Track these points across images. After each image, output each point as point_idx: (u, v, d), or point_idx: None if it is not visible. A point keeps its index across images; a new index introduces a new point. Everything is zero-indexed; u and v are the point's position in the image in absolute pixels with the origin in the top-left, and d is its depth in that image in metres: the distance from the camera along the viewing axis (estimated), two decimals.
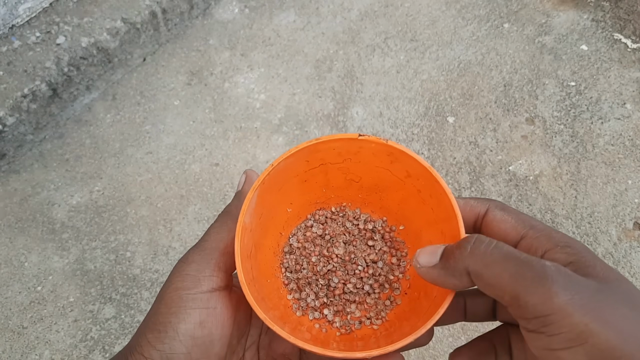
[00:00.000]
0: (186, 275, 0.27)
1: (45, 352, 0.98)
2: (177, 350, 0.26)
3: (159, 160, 1.20)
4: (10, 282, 1.05)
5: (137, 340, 0.27)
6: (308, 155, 0.33)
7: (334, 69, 1.33)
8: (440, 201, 0.31)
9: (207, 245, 0.28)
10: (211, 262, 0.27)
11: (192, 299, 0.26)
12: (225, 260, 0.27)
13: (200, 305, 0.26)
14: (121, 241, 1.10)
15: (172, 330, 0.26)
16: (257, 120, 1.26)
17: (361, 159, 0.35)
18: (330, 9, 1.45)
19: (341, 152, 0.34)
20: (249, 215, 0.30)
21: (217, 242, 0.27)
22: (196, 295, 0.26)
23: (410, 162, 0.32)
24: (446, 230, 0.30)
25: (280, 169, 0.32)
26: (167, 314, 0.26)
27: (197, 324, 0.26)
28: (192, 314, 0.26)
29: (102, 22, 1.27)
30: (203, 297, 0.26)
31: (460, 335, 0.97)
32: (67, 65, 1.21)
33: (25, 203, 1.15)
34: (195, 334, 0.26)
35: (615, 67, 1.30)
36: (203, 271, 0.27)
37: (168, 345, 0.25)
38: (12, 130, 1.16)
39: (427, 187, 0.32)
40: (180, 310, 0.26)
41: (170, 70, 1.35)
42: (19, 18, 1.25)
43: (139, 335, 0.27)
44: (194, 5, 1.41)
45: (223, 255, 0.27)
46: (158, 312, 0.27)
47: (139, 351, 0.26)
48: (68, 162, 1.21)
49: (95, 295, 1.04)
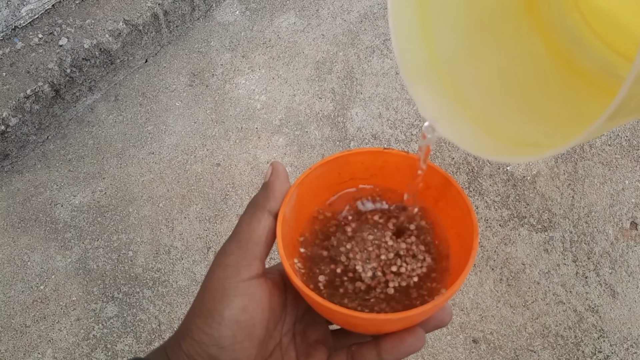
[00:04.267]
0: (226, 266, 0.29)
1: (47, 351, 0.99)
2: (224, 333, 0.28)
3: (161, 161, 1.22)
4: (13, 281, 1.06)
5: (187, 326, 0.30)
6: (340, 167, 0.35)
7: (333, 71, 1.35)
8: (456, 205, 0.32)
9: (242, 237, 0.30)
10: (247, 252, 0.29)
11: (234, 287, 0.29)
12: (260, 249, 0.30)
13: (241, 292, 0.29)
14: (123, 241, 1.11)
15: (219, 315, 0.28)
16: (258, 121, 1.27)
17: (386, 174, 0.36)
18: (330, 11, 1.46)
19: (368, 167, 0.35)
20: (288, 209, 0.32)
21: (249, 233, 0.30)
22: (237, 283, 0.29)
23: (430, 172, 0.34)
24: (462, 231, 0.32)
25: (316, 176, 0.33)
26: (212, 302, 0.29)
27: (240, 309, 0.28)
28: (235, 300, 0.28)
29: (104, 24, 1.28)
30: (244, 285, 0.29)
31: (459, 333, 0.98)
32: (69, 66, 1.22)
33: (28, 203, 1.16)
34: (239, 318, 0.28)
35: None
36: (241, 261, 0.29)
37: (216, 329, 0.28)
38: (15, 130, 1.17)
39: (445, 194, 0.34)
40: (224, 297, 0.28)
41: (172, 72, 1.36)
42: (22, 20, 1.26)
43: (188, 322, 0.30)
44: (196, 7, 1.42)
45: (257, 245, 0.30)
46: (204, 299, 0.29)
47: (190, 335, 0.29)
48: (70, 163, 1.22)
49: (97, 294, 1.05)
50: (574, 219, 1.10)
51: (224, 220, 1.13)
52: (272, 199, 0.31)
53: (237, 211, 1.14)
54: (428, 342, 0.98)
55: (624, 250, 1.06)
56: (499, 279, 1.04)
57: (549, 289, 1.02)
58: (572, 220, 1.10)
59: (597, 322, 0.99)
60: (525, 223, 1.10)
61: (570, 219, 1.10)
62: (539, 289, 1.03)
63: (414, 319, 0.28)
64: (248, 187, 1.17)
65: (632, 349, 0.96)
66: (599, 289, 1.02)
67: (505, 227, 1.10)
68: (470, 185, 1.15)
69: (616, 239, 1.07)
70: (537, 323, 0.99)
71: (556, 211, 1.11)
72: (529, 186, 1.15)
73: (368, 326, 0.29)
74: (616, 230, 1.08)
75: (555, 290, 1.02)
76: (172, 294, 1.05)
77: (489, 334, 0.98)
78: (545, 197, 1.13)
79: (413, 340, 0.29)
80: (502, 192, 1.14)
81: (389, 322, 0.28)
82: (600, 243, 1.07)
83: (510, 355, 0.96)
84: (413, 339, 0.29)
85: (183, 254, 1.09)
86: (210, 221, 1.13)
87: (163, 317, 1.02)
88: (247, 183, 1.17)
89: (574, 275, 1.04)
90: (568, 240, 1.08)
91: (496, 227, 1.10)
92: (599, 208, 1.11)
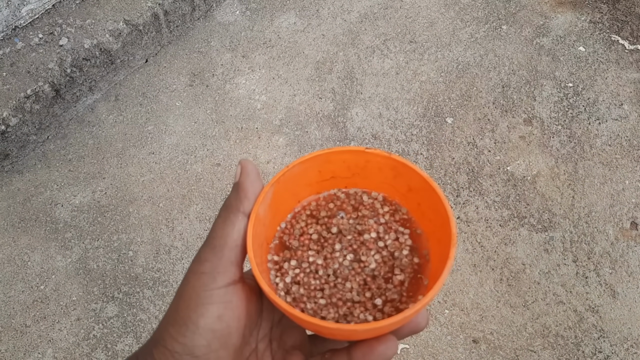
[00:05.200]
0: (202, 273, 0.28)
1: (48, 351, 0.99)
2: (197, 343, 0.27)
3: (161, 161, 1.22)
4: (13, 281, 1.06)
5: (160, 334, 0.29)
6: (321, 165, 0.34)
7: (334, 71, 1.35)
8: (436, 211, 0.32)
9: (216, 242, 0.29)
10: (222, 258, 0.28)
11: (210, 295, 0.28)
12: (236, 254, 0.29)
13: (217, 300, 0.28)
14: (123, 240, 1.11)
15: (193, 324, 0.27)
16: (258, 121, 1.27)
17: (368, 174, 0.35)
18: (331, 11, 1.46)
19: (350, 166, 0.35)
20: (263, 208, 0.30)
21: (224, 238, 0.29)
22: (213, 291, 0.28)
23: (411, 175, 0.33)
24: (442, 238, 0.31)
25: (295, 174, 0.32)
26: (187, 310, 0.28)
27: (215, 318, 0.28)
28: (210, 309, 0.27)
29: (104, 24, 1.28)
30: (219, 292, 0.28)
31: (459, 333, 0.98)
32: (69, 66, 1.22)
33: (28, 203, 1.16)
34: (214, 327, 0.28)
35: (613, 68, 1.31)
36: (216, 268, 0.28)
37: (189, 338, 0.27)
38: (16, 130, 1.17)
39: (426, 198, 0.33)
40: (199, 306, 0.27)
41: (172, 72, 1.36)
42: (22, 19, 1.26)
43: (161, 330, 0.29)
44: (196, 7, 1.42)
45: (232, 250, 0.29)
46: (178, 308, 0.28)
47: (163, 344, 0.28)
48: (71, 163, 1.22)
49: (97, 294, 1.05)
50: (574, 219, 1.10)
51: None
52: (245, 200, 0.29)
53: None
54: (428, 342, 0.98)
55: (624, 251, 1.06)
56: (499, 279, 1.04)
57: (549, 289, 1.02)
58: (572, 221, 1.10)
59: (597, 322, 0.99)
60: (526, 223, 1.10)
61: (570, 219, 1.10)
62: (539, 289, 1.03)
63: (382, 330, 0.28)
64: None
65: (632, 349, 0.96)
66: (599, 289, 1.02)
67: (506, 227, 1.10)
68: (471, 185, 1.15)
69: (616, 239, 1.07)
70: (537, 323, 0.99)
71: (556, 211, 1.11)
72: (529, 186, 1.15)
73: (336, 335, 0.29)
74: (616, 231, 1.08)
75: (556, 291, 1.02)
76: (172, 294, 1.05)
77: (489, 334, 0.98)
78: (545, 197, 1.13)
79: (383, 348, 0.28)
80: (502, 192, 1.14)
81: (356, 332, 0.27)
82: (601, 243, 1.07)
83: (510, 355, 0.96)
84: (383, 347, 0.28)
85: (183, 254, 1.09)
86: (210, 221, 1.13)
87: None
88: None
89: (574, 276, 1.04)
90: (568, 241, 1.08)
91: (496, 227, 1.10)
92: (599, 208, 1.11)
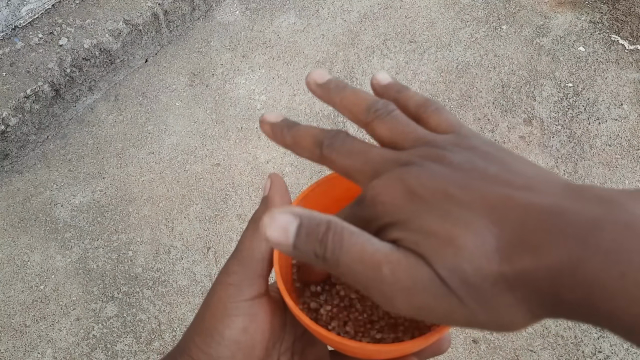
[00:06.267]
0: (228, 285, 0.29)
1: (47, 351, 0.99)
2: (222, 354, 0.28)
3: (161, 160, 1.22)
4: (13, 281, 1.06)
5: (185, 343, 0.29)
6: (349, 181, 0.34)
7: (334, 71, 1.35)
8: None
9: (244, 254, 0.29)
10: (250, 270, 0.29)
11: (236, 307, 0.28)
12: (263, 267, 0.29)
13: (243, 312, 0.28)
14: (123, 240, 1.11)
15: (218, 335, 0.28)
16: (258, 121, 1.27)
17: None
18: (330, 11, 1.46)
19: None
20: None
21: (251, 251, 0.29)
22: (239, 303, 0.28)
23: None
24: None
25: (323, 190, 0.32)
26: (213, 321, 0.28)
27: (240, 330, 0.28)
28: (236, 320, 0.28)
29: (104, 24, 1.28)
30: (245, 305, 0.28)
31: (459, 333, 0.98)
32: (69, 66, 1.22)
33: (28, 203, 1.16)
34: (239, 339, 0.28)
35: (613, 68, 1.31)
36: (244, 280, 0.29)
37: (214, 349, 0.28)
38: (15, 130, 1.17)
39: None
40: (225, 317, 0.28)
41: (172, 72, 1.36)
42: (22, 19, 1.26)
43: (187, 339, 0.29)
44: (196, 7, 1.42)
45: (259, 263, 0.29)
46: (204, 318, 0.29)
47: (188, 353, 0.28)
48: (70, 162, 1.22)
49: (97, 294, 1.05)
50: None
51: (223, 220, 1.13)
52: None
53: (237, 211, 1.14)
54: None
55: None
56: None
57: None
58: None
59: None
60: None
61: None
62: None
63: (405, 351, 0.28)
64: (248, 187, 1.17)
65: (632, 349, 0.96)
66: None
67: None
68: None
69: None
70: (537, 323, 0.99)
71: None
72: None
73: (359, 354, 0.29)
74: None
75: None
76: (172, 293, 1.05)
77: (489, 334, 0.98)
78: None
79: None
80: None
81: (379, 352, 0.27)
82: None
83: (510, 355, 0.96)
84: None
85: (183, 253, 1.09)
86: (210, 221, 1.13)
87: (163, 317, 1.02)
88: (247, 183, 1.17)
89: None
90: None
91: None
92: None
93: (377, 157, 0.24)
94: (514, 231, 0.18)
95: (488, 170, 0.21)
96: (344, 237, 0.21)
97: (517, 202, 0.19)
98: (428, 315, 0.20)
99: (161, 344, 0.99)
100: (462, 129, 0.24)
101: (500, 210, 0.19)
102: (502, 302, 0.19)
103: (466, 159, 0.22)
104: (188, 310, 1.03)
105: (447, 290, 0.19)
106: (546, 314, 0.19)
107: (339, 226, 0.21)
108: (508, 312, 0.19)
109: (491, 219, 0.19)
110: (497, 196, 0.19)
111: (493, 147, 0.23)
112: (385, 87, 0.28)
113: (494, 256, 0.18)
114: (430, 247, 0.19)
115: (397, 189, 0.21)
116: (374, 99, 0.26)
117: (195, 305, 1.03)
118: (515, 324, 0.19)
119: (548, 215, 0.18)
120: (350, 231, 0.21)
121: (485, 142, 0.23)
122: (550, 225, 0.18)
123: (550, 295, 0.18)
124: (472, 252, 0.19)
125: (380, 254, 0.20)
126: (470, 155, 0.22)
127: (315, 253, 0.21)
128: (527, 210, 0.19)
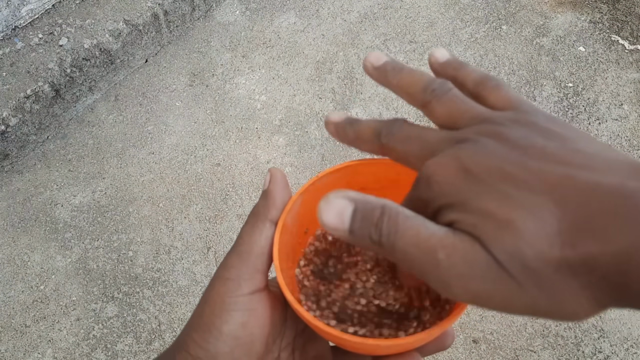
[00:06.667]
0: (227, 279, 0.28)
1: (47, 351, 0.99)
2: (221, 349, 0.27)
3: (161, 161, 1.22)
4: (13, 281, 1.06)
5: (183, 339, 0.29)
6: (350, 176, 0.33)
7: (334, 71, 1.35)
8: None
9: (243, 249, 0.29)
10: (249, 265, 0.28)
11: (234, 302, 0.28)
12: (262, 261, 0.29)
13: (241, 307, 0.28)
14: (123, 240, 1.11)
15: (217, 331, 0.27)
16: (258, 121, 1.27)
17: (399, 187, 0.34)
18: (330, 10, 1.46)
19: (380, 178, 0.34)
20: (291, 217, 0.30)
21: (251, 245, 0.29)
22: (238, 298, 0.28)
23: None
24: None
25: (323, 185, 0.32)
26: (211, 316, 0.28)
27: (239, 325, 0.28)
28: (235, 315, 0.27)
29: (104, 24, 1.28)
30: (244, 300, 0.28)
31: (459, 333, 0.98)
32: (69, 66, 1.22)
33: (28, 203, 1.16)
34: (238, 334, 0.27)
35: (613, 68, 1.31)
36: (242, 275, 0.28)
37: (213, 344, 0.27)
38: (15, 130, 1.17)
39: None
40: (223, 312, 0.27)
41: (172, 72, 1.36)
42: (22, 19, 1.26)
43: (185, 335, 0.29)
44: (196, 7, 1.42)
45: (259, 257, 0.29)
46: (203, 313, 0.28)
47: (186, 349, 0.28)
48: (71, 163, 1.22)
49: (97, 294, 1.05)
50: None
51: (224, 220, 1.13)
52: (273, 208, 0.29)
53: (237, 211, 1.14)
54: None
55: None
56: None
57: None
58: None
59: (597, 322, 0.99)
60: None
61: None
62: None
63: (407, 346, 0.27)
64: (248, 187, 1.17)
65: (632, 349, 0.96)
66: None
67: None
68: None
69: None
70: (537, 323, 0.99)
71: None
72: None
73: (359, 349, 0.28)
74: None
75: None
76: (172, 294, 1.05)
77: (489, 334, 0.98)
78: None
79: None
80: None
81: (379, 348, 0.27)
82: None
83: (510, 355, 0.96)
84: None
85: (183, 254, 1.09)
86: (210, 221, 1.13)
87: (163, 317, 1.02)
88: (247, 183, 1.17)
89: None
90: None
91: None
92: None
93: (433, 139, 0.23)
94: (576, 213, 0.17)
95: (547, 148, 0.20)
96: (399, 221, 0.20)
97: (578, 181, 0.18)
98: (486, 302, 0.19)
99: (161, 344, 0.99)
100: (523, 105, 0.23)
101: (561, 191, 0.18)
102: (565, 289, 0.18)
103: (524, 135, 0.20)
104: (188, 311, 1.03)
105: (505, 276, 0.18)
106: (612, 303, 0.18)
107: (394, 210, 0.20)
108: (572, 300, 0.18)
109: (552, 200, 0.18)
110: (556, 175, 0.18)
111: (555, 122, 0.21)
112: (443, 65, 0.27)
113: (556, 240, 0.17)
114: (488, 229, 0.18)
115: (452, 167, 0.20)
116: (430, 79, 0.25)
117: (195, 305, 1.03)
118: (580, 313, 0.18)
119: (613, 197, 0.17)
120: (405, 215, 0.20)
121: (547, 118, 0.22)
122: (616, 207, 0.17)
123: (617, 283, 0.17)
124: (532, 235, 0.18)
125: (435, 239, 0.19)
126: (529, 131, 0.21)
127: (371, 238, 0.20)
128: (590, 190, 0.17)
